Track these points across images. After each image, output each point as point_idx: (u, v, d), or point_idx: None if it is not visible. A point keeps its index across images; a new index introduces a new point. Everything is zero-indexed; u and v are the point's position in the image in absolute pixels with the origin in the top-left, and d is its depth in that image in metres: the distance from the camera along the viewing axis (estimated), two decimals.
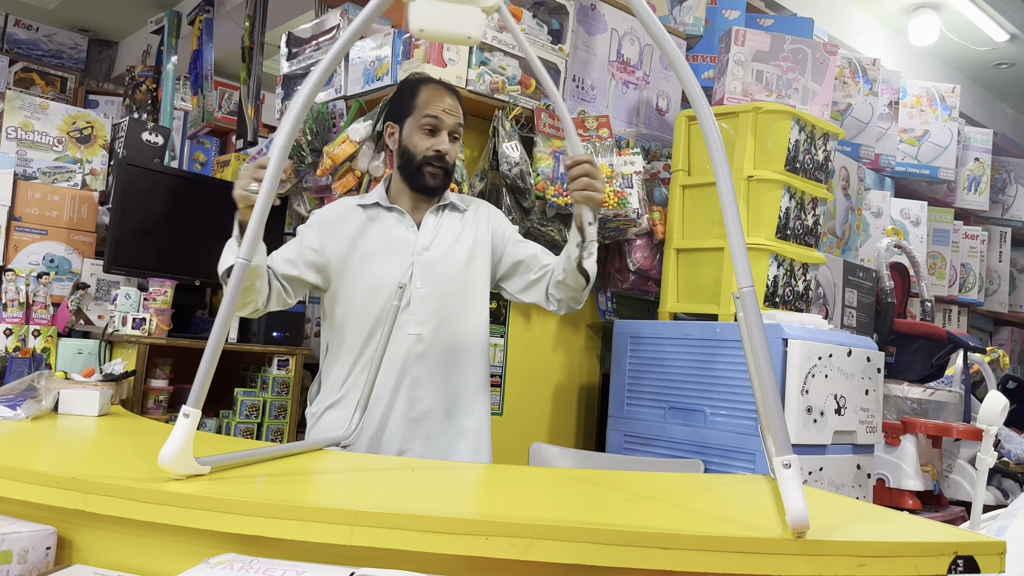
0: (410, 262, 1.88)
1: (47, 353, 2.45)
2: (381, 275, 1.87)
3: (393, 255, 1.89)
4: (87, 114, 2.95)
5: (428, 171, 1.89)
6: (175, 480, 1.10)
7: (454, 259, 1.91)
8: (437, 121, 1.87)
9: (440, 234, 1.93)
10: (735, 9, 3.35)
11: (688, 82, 1.13)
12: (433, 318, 1.87)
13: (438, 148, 1.88)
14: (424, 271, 1.88)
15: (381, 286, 1.86)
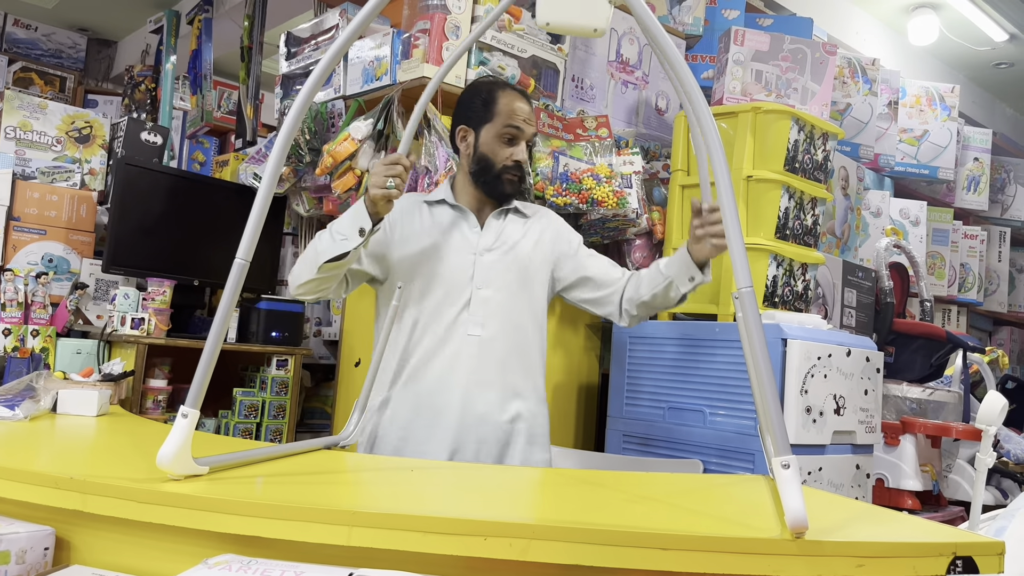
0: (472, 261, 1.88)
1: (46, 353, 2.45)
2: (442, 272, 1.86)
3: (456, 253, 1.88)
4: (86, 114, 2.95)
5: (506, 179, 1.90)
6: (173, 480, 1.10)
7: (515, 262, 1.91)
8: (518, 132, 1.88)
9: (503, 236, 1.92)
10: (734, 9, 3.35)
11: (688, 83, 1.13)
12: (492, 320, 1.85)
13: (517, 158, 1.89)
14: (485, 272, 1.87)
15: (441, 283, 1.86)
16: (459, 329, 1.84)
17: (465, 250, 1.89)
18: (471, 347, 1.83)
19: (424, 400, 1.83)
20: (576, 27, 1.26)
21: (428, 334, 1.85)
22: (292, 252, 3.19)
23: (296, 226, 3.20)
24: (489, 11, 2.45)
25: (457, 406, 1.82)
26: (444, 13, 2.38)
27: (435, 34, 2.37)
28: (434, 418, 1.82)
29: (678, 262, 1.79)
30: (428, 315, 1.85)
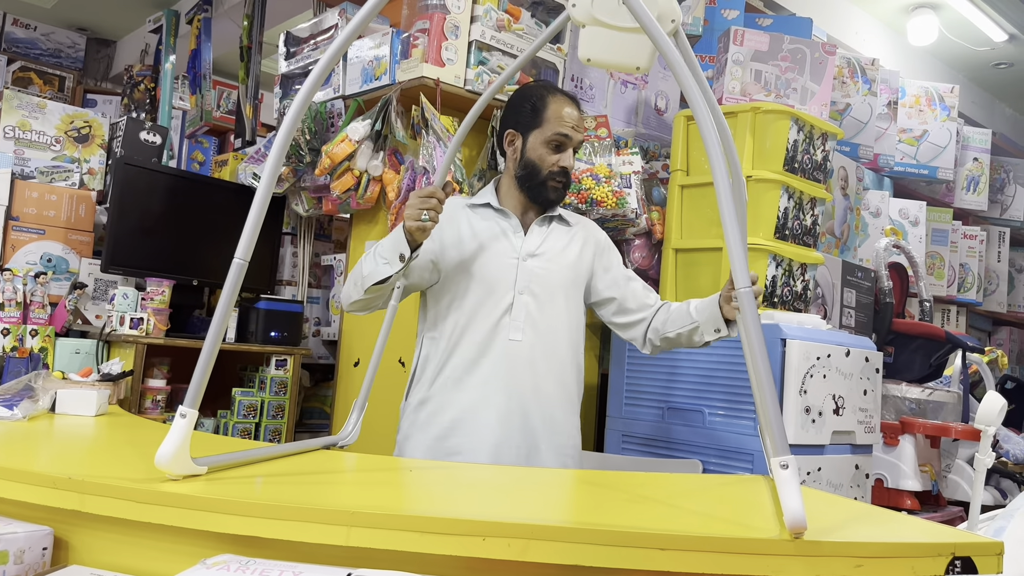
0: (515, 266, 1.87)
1: (44, 353, 2.45)
2: (487, 275, 1.86)
3: (500, 257, 1.88)
4: (85, 113, 2.95)
5: (552, 185, 1.89)
6: (172, 480, 1.09)
7: (558, 270, 1.90)
8: (565, 139, 1.88)
9: (547, 243, 1.92)
10: (734, 9, 3.34)
11: (687, 83, 1.13)
12: (532, 326, 1.85)
13: (564, 164, 1.89)
14: (528, 276, 1.87)
15: (483, 286, 1.85)
16: (500, 333, 1.84)
17: (509, 255, 1.88)
18: (512, 352, 1.83)
19: (464, 402, 1.82)
20: (618, 64, 1.24)
21: (468, 336, 1.84)
22: (291, 252, 3.19)
23: (295, 226, 3.20)
24: (488, 11, 2.45)
25: (495, 410, 1.81)
26: (443, 13, 2.38)
27: (434, 34, 2.37)
28: (473, 420, 1.82)
29: (707, 310, 1.79)
30: (468, 317, 1.85)
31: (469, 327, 1.84)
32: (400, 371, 2.45)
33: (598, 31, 1.21)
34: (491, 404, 1.82)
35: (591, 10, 1.22)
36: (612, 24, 1.21)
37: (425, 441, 1.84)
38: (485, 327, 1.83)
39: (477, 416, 1.82)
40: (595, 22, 1.21)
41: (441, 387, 1.85)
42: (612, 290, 1.96)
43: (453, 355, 1.85)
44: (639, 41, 1.22)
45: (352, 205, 2.56)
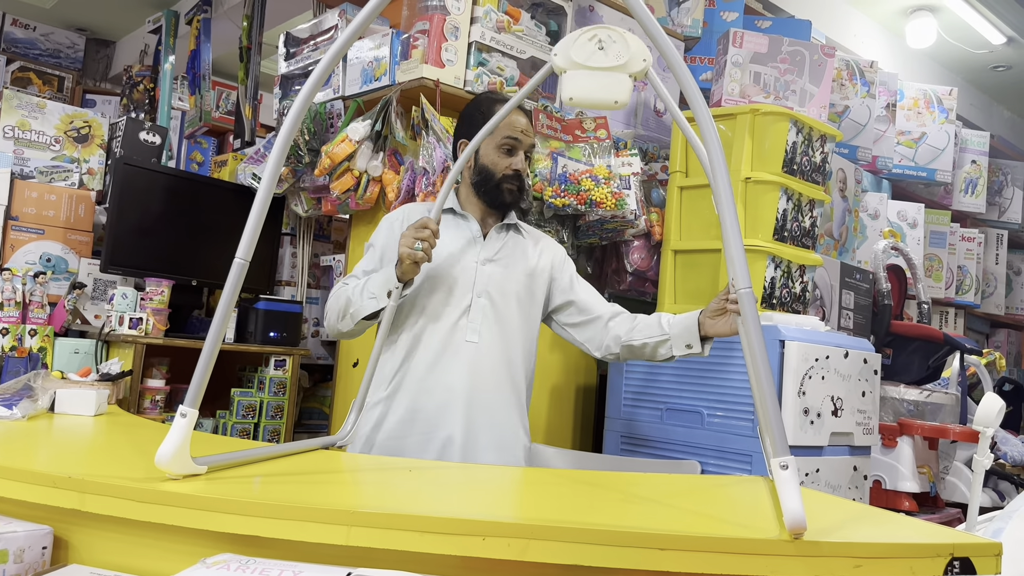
0: (474, 269, 1.92)
1: (43, 352, 2.45)
2: (447, 277, 1.90)
3: (460, 260, 1.92)
4: (84, 113, 2.95)
5: (506, 188, 1.94)
6: (172, 480, 1.10)
7: (514, 275, 1.95)
8: (515, 142, 1.93)
9: (505, 249, 1.97)
10: (733, 11, 3.35)
11: (687, 84, 1.14)
12: (488, 329, 1.89)
13: (516, 167, 1.94)
14: (486, 280, 1.91)
15: (443, 287, 1.89)
16: (458, 335, 1.88)
17: (468, 257, 1.93)
18: (468, 353, 1.86)
19: (420, 401, 1.86)
20: (598, 102, 1.36)
21: (427, 337, 1.88)
22: (290, 252, 3.19)
23: (295, 226, 3.20)
24: (488, 12, 2.46)
25: (448, 408, 1.85)
26: (443, 14, 2.38)
27: (434, 35, 2.37)
28: (428, 419, 1.85)
29: (681, 325, 1.82)
30: (428, 317, 1.89)
31: (427, 328, 1.88)
32: None
33: (578, 74, 1.33)
34: (447, 403, 1.85)
35: (570, 56, 1.34)
36: (590, 65, 1.33)
37: (374, 438, 1.86)
38: (443, 328, 1.87)
39: (431, 414, 1.85)
40: (575, 66, 1.33)
41: (397, 387, 1.88)
42: (570, 295, 2.02)
43: (414, 354, 1.88)
44: (616, 79, 1.34)
45: (351, 205, 2.56)
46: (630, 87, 1.35)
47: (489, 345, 1.88)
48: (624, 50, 1.34)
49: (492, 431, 1.87)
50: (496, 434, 1.88)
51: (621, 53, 1.33)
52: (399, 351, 1.90)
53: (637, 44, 1.35)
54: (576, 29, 1.93)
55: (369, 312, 1.79)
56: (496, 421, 1.88)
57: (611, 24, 2.91)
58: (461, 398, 1.85)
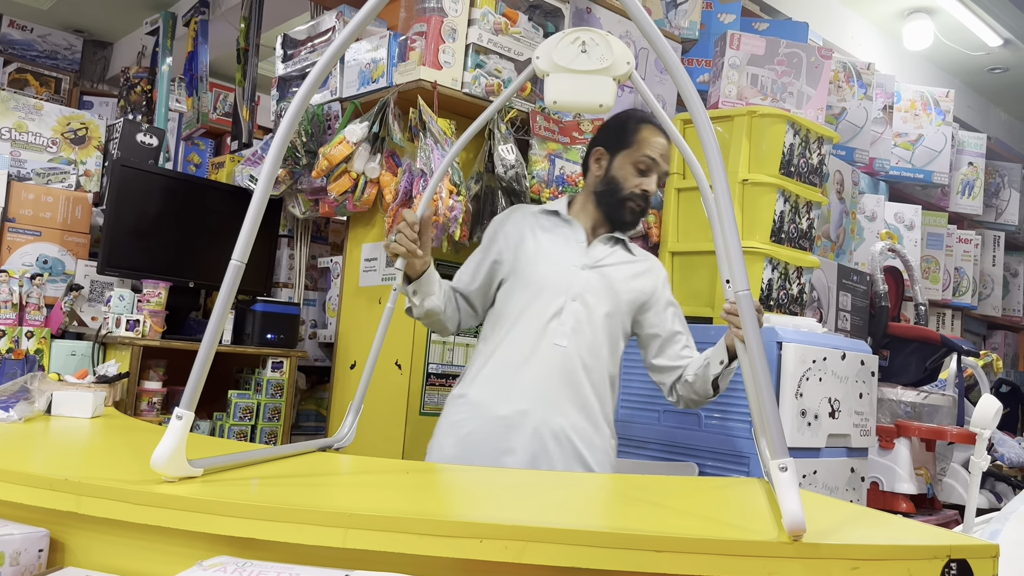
0: (572, 273, 1.89)
1: (40, 355, 2.45)
2: (542, 278, 1.88)
3: (558, 262, 1.90)
4: (81, 115, 2.95)
5: (630, 206, 1.92)
6: (168, 482, 1.09)
7: (612, 288, 1.90)
8: (653, 163, 1.91)
9: (609, 259, 1.93)
10: (730, 13, 3.36)
11: (684, 86, 1.14)
12: (576, 336, 1.85)
13: (646, 188, 1.91)
14: (583, 285, 1.88)
15: (537, 287, 1.87)
16: (547, 337, 1.84)
17: (568, 261, 1.90)
18: (555, 356, 1.83)
19: (500, 398, 1.83)
20: (582, 105, 1.36)
21: (514, 335, 1.86)
22: (288, 254, 3.19)
23: (292, 228, 3.19)
24: (485, 14, 2.46)
25: (531, 411, 1.81)
26: (441, 16, 2.38)
27: (432, 37, 2.37)
28: (505, 418, 1.82)
29: (716, 347, 1.83)
30: (516, 317, 1.87)
31: (516, 326, 1.86)
32: (397, 374, 2.45)
33: (561, 77, 1.33)
34: (525, 408, 1.81)
35: (553, 59, 1.33)
36: (573, 68, 1.34)
37: (452, 434, 1.86)
38: (533, 329, 1.85)
39: (511, 414, 1.82)
40: (557, 69, 1.33)
41: (482, 384, 1.87)
42: (659, 328, 1.96)
43: (496, 353, 1.87)
44: (600, 82, 1.34)
45: (349, 207, 2.56)
46: (614, 90, 1.35)
47: (576, 350, 1.84)
48: (607, 53, 1.34)
49: (570, 439, 1.82)
50: (578, 440, 1.83)
51: (604, 56, 1.33)
52: (489, 346, 1.89)
53: (620, 47, 1.36)
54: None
55: (408, 307, 1.85)
56: (576, 428, 1.83)
57: (608, 26, 2.92)
58: (540, 404, 1.81)
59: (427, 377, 2.45)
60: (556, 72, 1.33)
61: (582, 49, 1.34)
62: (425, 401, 2.44)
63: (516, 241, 1.93)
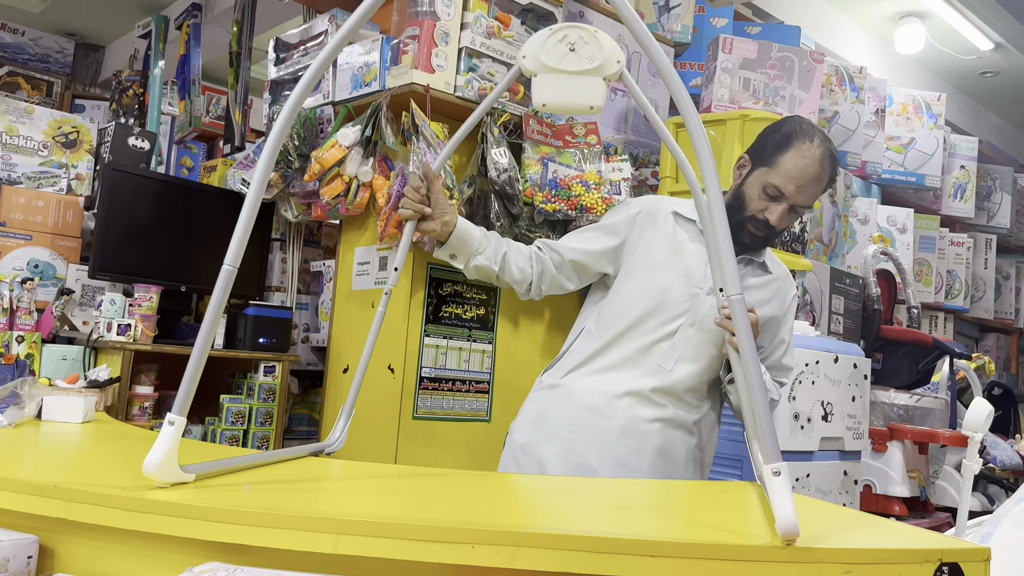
0: (697, 296, 1.77)
1: (31, 359, 2.43)
2: (665, 292, 1.77)
3: (685, 280, 1.77)
4: (72, 119, 2.94)
5: (749, 229, 1.78)
6: (159, 488, 1.09)
7: None
8: (780, 194, 1.74)
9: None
10: (723, 17, 3.36)
11: (676, 89, 1.14)
12: (685, 363, 1.76)
13: (768, 216, 1.75)
14: (697, 310, 1.76)
15: (658, 301, 1.77)
16: (653, 356, 1.76)
17: (696, 282, 1.77)
18: (655, 380, 1.75)
19: (582, 410, 1.78)
20: (573, 107, 1.32)
21: (621, 345, 1.78)
22: (280, 258, 3.18)
23: (284, 232, 3.19)
24: (478, 18, 2.46)
25: (603, 431, 1.76)
26: (433, 19, 2.38)
27: (424, 40, 2.37)
28: (592, 425, 1.76)
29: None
30: (627, 327, 1.78)
31: (625, 337, 1.78)
32: (390, 378, 2.44)
33: (550, 78, 1.29)
34: (605, 423, 1.75)
35: (540, 59, 1.30)
36: (561, 69, 1.30)
37: (527, 425, 1.83)
38: (641, 344, 1.76)
39: (584, 426, 1.75)
40: (546, 69, 1.30)
41: (572, 380, 1.80)
42: (762, 352, 1.86)
43: (599, 357, 1.79)
44: (590, 83, 1.31)
45: (341, 211, 2.55)
46: (605, 91, 1.32)
47: (679, 379, 1.76)
48: (597, 51, 1.30)
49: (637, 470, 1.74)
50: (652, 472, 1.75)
51: (594, 55, 1.30)
52: (589, 347, 1.80)
53: (610, 44, 1.32)
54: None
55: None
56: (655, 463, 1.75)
57: (601, 29, 2.92)
58: (622, 422, 1.74)
59: (420, 381, 2.45)
60: (544, 73, 1.30)
61: (570, 48, 1.30)
62: (418, 405, 2.44)
63: (649, 240, 1.82)
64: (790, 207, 1.74)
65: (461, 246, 1.75)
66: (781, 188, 1.72)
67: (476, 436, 2.54)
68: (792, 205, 1.74)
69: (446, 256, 1.76)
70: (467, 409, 2.55)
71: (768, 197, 1.74)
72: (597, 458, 1.75)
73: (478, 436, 2.54)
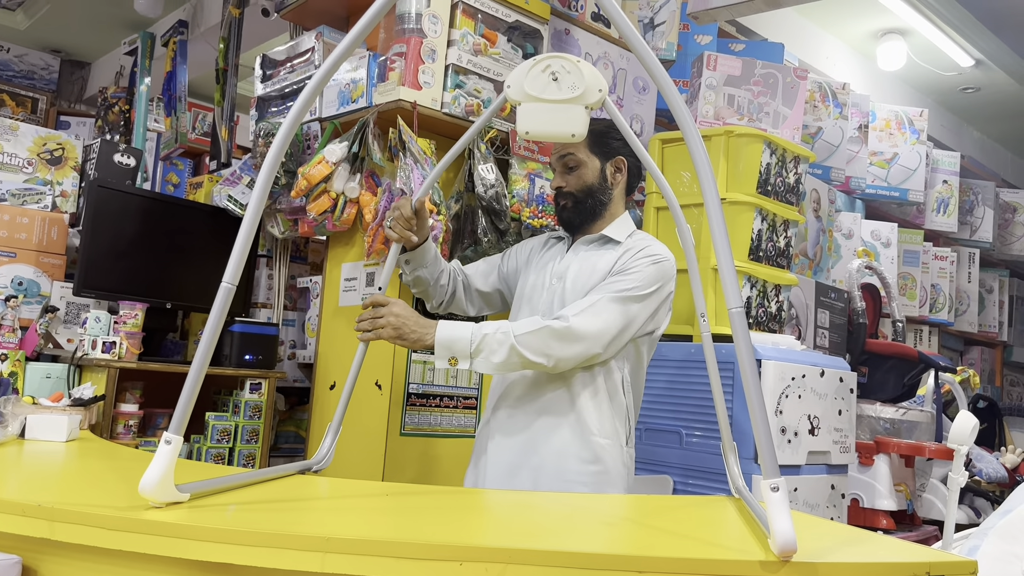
0: (546, 287, 1.90)
1: (14, 377, 2.41)
2: (524, 291, 1.94)
3: (539, 276, 1.93)
4: (58, 135, 2.92)
5: (558, 206, 1.94)
6: (155, 508, 1.08)
7: (575, 293, 1.82)
8: (551, 163, 1.96)
9: (575, 266, 1.87)
10: (707, 34, 3.39)
11: (676, 104, 1.15)
12: None
13: (554, 186, 1.94)
14: (551, 300, 1.87)
15: (523, 302, 1.92)
16: None
17: (546, 275, 1.92)
18: (530, 375, 1.83)
19: (488, 427, 1.91)
20: (555, 135, 1.36)
21: None
22: (267, 274, 3.17)
23: (271, 248, 3.18)
24: (465, 35, 2.47)
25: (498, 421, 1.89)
26: (420, 37, 2.39)
27: (411, 57, 2.38)
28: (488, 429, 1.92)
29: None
30: None
31: None
32: (376, 394, 2.43)
33: (533, 107, 1.33)
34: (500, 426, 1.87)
35: (524, 88, 1.34)
36: (545, 98, 1.34)
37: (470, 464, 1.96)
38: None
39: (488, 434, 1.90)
40: (529, 99, 1.34)
41: (488, 411, 1.94)
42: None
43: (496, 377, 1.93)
44: (572, 111, 1.35)
45: (328, 227, 2.55)
46: (587, 119, 1.35)
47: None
48: (579, 81, 1.34)
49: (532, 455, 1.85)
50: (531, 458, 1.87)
51: (576, 84, 1.34)
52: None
53: (591, 73, 1.36)
54: (551, 52, 1.95)
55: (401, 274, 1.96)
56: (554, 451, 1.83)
57: (587, 47, 2.95)
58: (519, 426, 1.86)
59: (407, 397, 2.44)
60: (527, 102, 1.34)
61: (553, 77, 1.34)
62: (405, 422, 2.43)
63: (524, 262, 2.04)
64: (563, 167, 1.91)
65: (419, 257, 1.91)
66: (550, 160, 1.97)
67: (464, 452, 2.53)
68: (562, 166, 1.91)
69: (402, 262, 1.91)
70: (455, 425, 2.55)
71: (553, 170, 1.96)
72: None
73: (466, 452, 2.53)
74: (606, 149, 1.89)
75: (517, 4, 2.61)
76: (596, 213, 1.90)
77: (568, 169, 1.90)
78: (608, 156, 1.90)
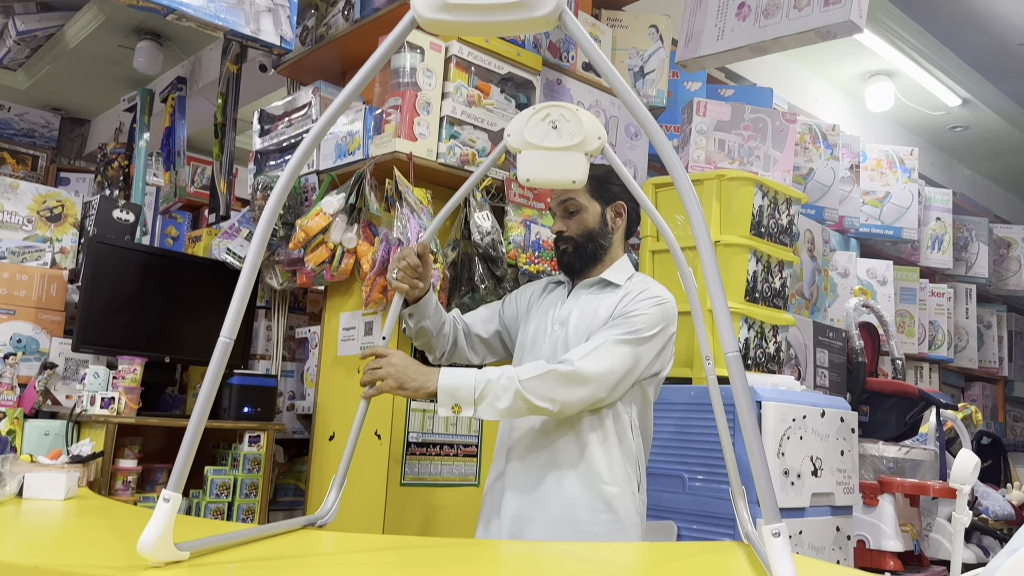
0: (548, 333, 1.90)
1: (12, 435, 2.40)
2: (527, 338, 1.94)
3: (541, 322, 1.93)
4: (57, 193, 2.95)
5: (558, 251, 1.96)
6: (154, 568, 1.07)
7: (578, 339, 1.83)
8: (552, 208, 1.97)
9: (576, 311, 1.88)
10: (696, 81, 3.45)
11: (664, 148, 1.17)
12: None
13: (554, 230, 1.96)
14: (553, 346, 1.87)
15: (525, 350, 1.93)
16: None
17: (546, 321, 1.93)
18: (535, 419, 1.83)
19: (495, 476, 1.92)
20: (555, 181, 1.39)
21: None
22: (265, 325, 3.18)
23: (269, 299, 3.19)
24: (459, 87, 2.51)
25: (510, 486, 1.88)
26: (415, 90, 2.43)
27: (406, 110, 2.42)
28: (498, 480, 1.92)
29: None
30: None
31: None
32: (377, 444, 2.42)
33: (533, 154, 1.35)
34: (511, 480, 1.86)
35: (524, 136, 1.37)
36: (544, 146, 1.37)
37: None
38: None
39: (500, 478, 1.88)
40: (529, 147, 1.36)
41: (498, 462, 1.93)
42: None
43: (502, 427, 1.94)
44: (572, 158, 1.37)
45: (326, 277, 2.57)
46: (586, 166, 1.37)
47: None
48: (578, 129, 1.37)
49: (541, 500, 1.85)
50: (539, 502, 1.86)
51: (575, 132, 1.36)
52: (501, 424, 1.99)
53: (590, 121, 1.38)
54: (544, 102, 1.98)
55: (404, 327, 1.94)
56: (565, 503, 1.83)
57: (579, 96, 2.99)
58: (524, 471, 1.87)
59: (407, 447, 2.43)
60: (528, 150, 1.36)
61: (552, 126, 1.37)
62: (406, 471, 2.42)
63: (525, 309, 2.06)
64: (563, 212, 1.93)
65: (422, 309, 1.90)
66: (551, 206, 1.97)
67: (465, 501, 2.51)
68: (562, 211, 1.92)
69: (405, 315, 1.90)
70: (455, 474, 2.53)
71: (554, 215, 1.97)
72: None
73: (467, 501, 2.51)
74: (606, 194, 1.93)
75: (509, 56, 2.66)
76: (596, 257, 1.92)
77: (569, 214, 1.92)
78: (608, 201, 1.93)
